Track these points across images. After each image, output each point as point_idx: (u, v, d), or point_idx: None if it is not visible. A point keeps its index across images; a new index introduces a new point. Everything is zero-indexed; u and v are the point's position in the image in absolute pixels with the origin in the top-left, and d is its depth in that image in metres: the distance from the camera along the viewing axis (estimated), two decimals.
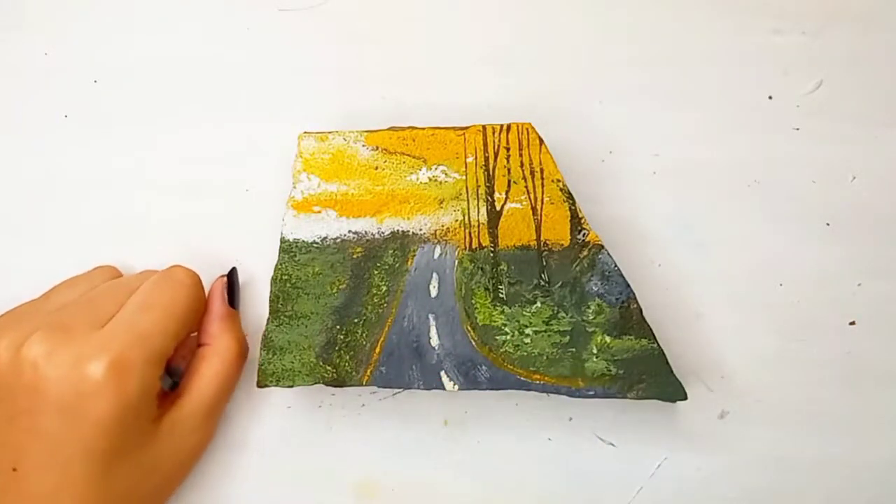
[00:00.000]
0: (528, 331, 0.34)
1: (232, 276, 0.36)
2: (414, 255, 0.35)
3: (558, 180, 0.35)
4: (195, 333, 0.35)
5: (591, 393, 0.34)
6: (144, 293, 0.33)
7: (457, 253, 0.35)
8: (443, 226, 0.35)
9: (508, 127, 0.35)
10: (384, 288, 0.35)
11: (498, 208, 0.35)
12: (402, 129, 0.36)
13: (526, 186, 0.35)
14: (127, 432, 0.31)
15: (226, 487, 0.36)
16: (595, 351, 0.34)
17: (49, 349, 0.30)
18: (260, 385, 0.34)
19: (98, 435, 0.30)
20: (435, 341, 0.34)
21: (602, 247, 0.35)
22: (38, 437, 0.30)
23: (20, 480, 0.30)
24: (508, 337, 0.34)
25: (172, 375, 0.34)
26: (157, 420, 0.32)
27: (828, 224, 0.38)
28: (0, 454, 0.30)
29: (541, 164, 0.35)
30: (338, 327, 0.34)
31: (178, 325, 0.33)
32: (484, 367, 0.34)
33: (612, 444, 0.37)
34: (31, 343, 0.30)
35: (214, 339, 0.35)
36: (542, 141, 0.35)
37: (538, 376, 0.34)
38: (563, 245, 0.35)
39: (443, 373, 0.34)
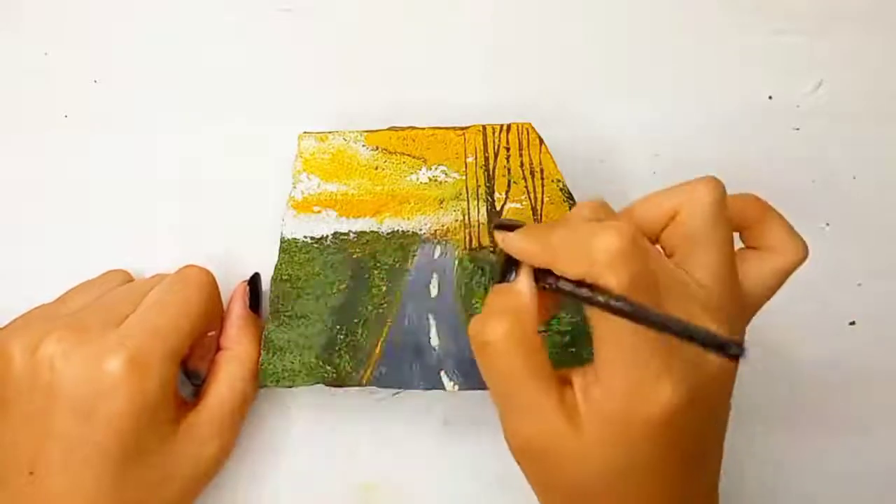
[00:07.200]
0: None
1: (255, 281, 0.36)
2: (414, 256, 0.35)
3: (558, 180, 0.35)
4: (212, 333, 0.35)
5: None
6: (159, 293, 0.33)
7: (457, 253, 0.35)
8: (443, 226, 0.35)
9: (508, 127, 0.35)
10: (384, 288, 0.35)
11: (498, 208, 0.35)
12: (402, 129, 0.35)
13: (526, 186, 0.35)
14: (143, 433, 0.30)
15: (226, 487, 0.36)
16: None
17: (66, 349, 0.30)
18: (260, 385, 0.34)
19: (113, 435, 0.30)
20: (435, 341, 0.34)
21: None
22: (53, 440, 0.30)
23: (37, 484, 0.30)
24: None
25: (192, 378, 0.34)
26: (175, 424, 0.32)
27: (828, 224, 0.38)
28: (17, 458, 0.30)
29: (541, 164, 0.35)
30: (338, 327, 0.34)
31: (193, 324, 0.32)
32: None
33: None
34: (47, 343, 0.30)
35: (234, 343, 0.35)
36: (542, 141, 0.35)
37: None
38: None
39: (443, 373, 0.34)
